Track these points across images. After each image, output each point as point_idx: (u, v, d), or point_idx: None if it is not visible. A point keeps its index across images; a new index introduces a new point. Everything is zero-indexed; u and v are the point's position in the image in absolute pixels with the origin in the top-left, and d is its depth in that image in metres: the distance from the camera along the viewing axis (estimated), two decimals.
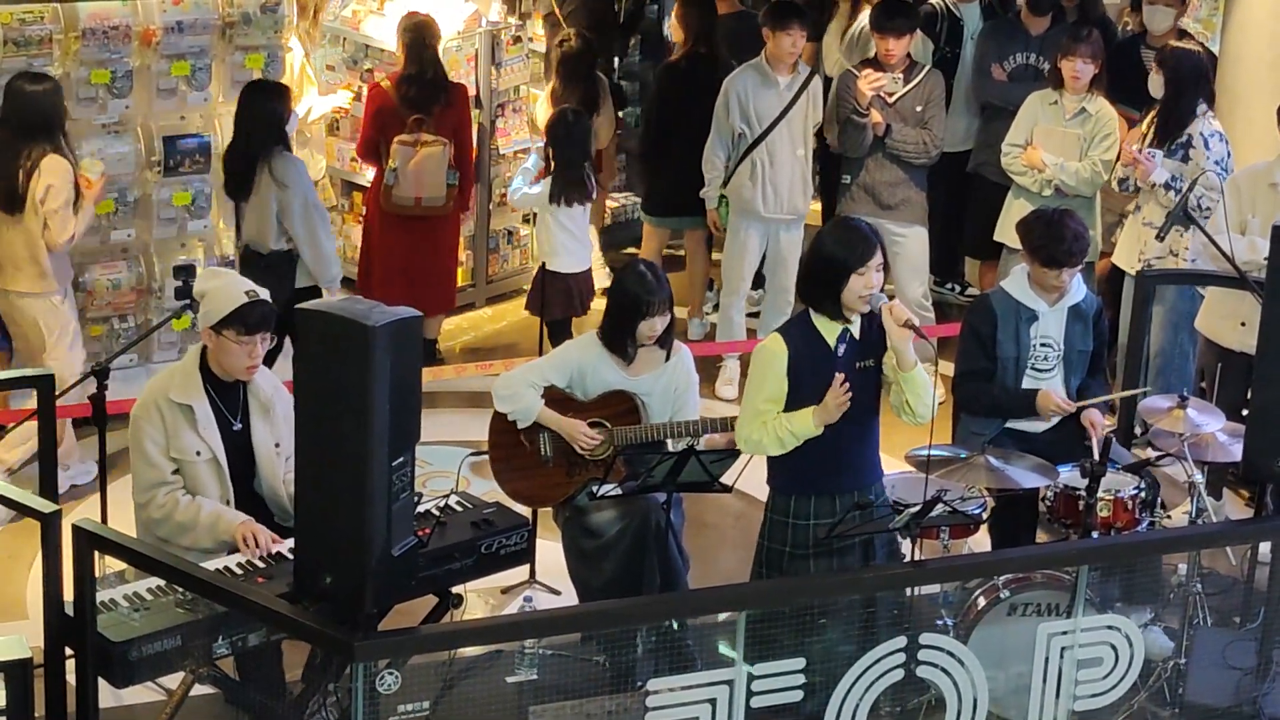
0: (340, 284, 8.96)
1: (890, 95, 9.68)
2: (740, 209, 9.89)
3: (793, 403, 6.37)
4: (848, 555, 6.52)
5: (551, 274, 9.44)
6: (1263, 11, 9.45)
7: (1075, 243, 7.38)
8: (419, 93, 9.66)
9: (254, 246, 8.88)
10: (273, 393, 6.64)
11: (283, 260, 8.83)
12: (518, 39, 11.06)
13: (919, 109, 9.71)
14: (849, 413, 6.38)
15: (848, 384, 6.28)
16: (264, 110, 8.74)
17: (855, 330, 6.41)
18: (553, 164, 9.40)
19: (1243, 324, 8.37)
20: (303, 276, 8.90)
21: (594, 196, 9.42)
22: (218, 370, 6.52)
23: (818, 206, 10.94)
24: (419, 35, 9.69)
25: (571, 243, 9.35)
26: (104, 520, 7.04)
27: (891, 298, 6.46)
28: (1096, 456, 6.95)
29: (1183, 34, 10.10)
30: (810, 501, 6.49)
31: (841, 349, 6.38)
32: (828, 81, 10.35)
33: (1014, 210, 9.49)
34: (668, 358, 7.28)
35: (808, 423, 6.33)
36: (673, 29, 10.64)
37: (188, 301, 6.63)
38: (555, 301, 9.46)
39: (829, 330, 6.38)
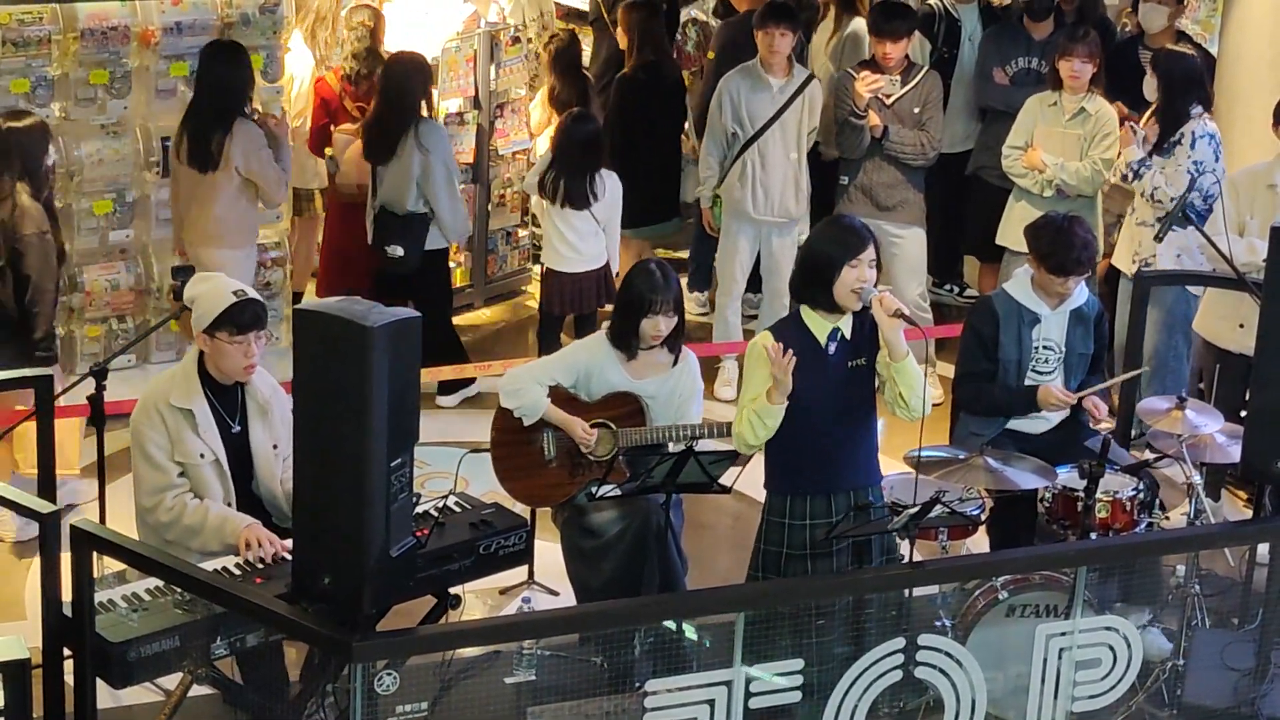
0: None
1: (888, 97, 9.69)
2: (731, 210, 9.90)
3: None
4: (840, 557, 6.51)
5: (547, 270, 9.54)
6: (1261, 11, 9.45)
7: (1084, 251, 7.37)
8: (358, 80, 9.91)
9: (390, 207, 9.35)
10: (270, 394, 6.63)
11: (417, 221, 9.34)
12: (516, 39, 11.07)
13: (916, 110, 9.71)
14: (842, 412, 6.36)
15: (789, 350, 6.20)
16: (408, 81, 9.34)
17: (847, 330, 6.39)
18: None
19: (1241, 325, 8.37)
20: (433, 239, 9.41)
21: (587, 204, 9.34)
22: (215, 373, 6.51)
23: None
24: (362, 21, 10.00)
25: (561, 244, 9.36)
26: (102, 521, 7.04)
27: None
28: (1099, 446, 6.91)
29: (1181, 35, 10.10)
30: (806, 502, 6.48)
31: (833, 348, 6.37)
32: None
33: (1016, 213, 9.51)
34: (675, 363, 7.28)
35: (767, 401, 6.27)
36: (620, 37, 10.62)
37: (184, 306, 6.63)
38: (546, 297, 9.58)
39: (820, 329, 6.37)
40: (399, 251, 9.22)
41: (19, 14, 8.81)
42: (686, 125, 10.98)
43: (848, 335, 6.39)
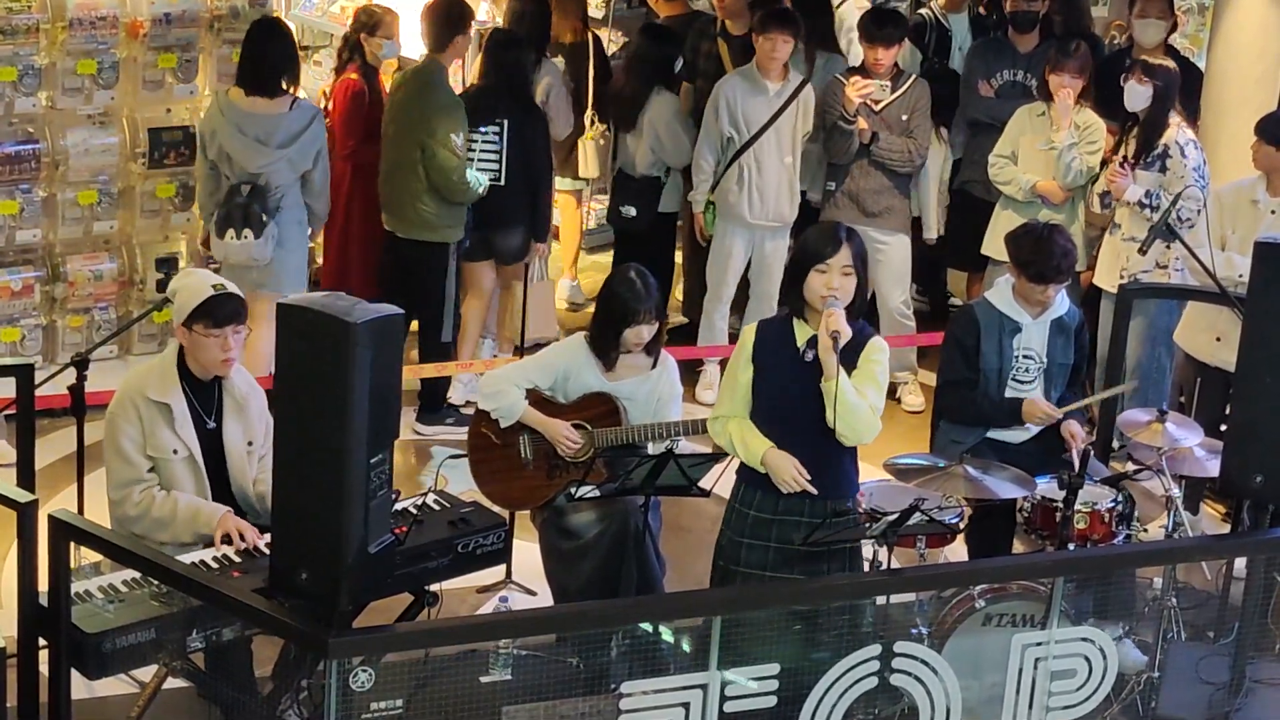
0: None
1: (877, 103, 9.70)
2: (726, 214, 9.90)
3: (756, 387, 6.37)
4: (833, 563, 6.49)
5: None
6: (1250, 27, 9.47)
7: (1063, 259, 7.39)
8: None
9: (627, 170, 10.23)
10: (248, 391, 6.62)
11: (650, 186, 10.19)
12: None
13: (905, 117, 9.73)
14: (818, 418, 6.33)
15: (804, 473, 6.31)
16: (653, 54, 10.21)
17: None
18: None
19: (1219, 339, 8.39)
20: (667, 202, 10.28)
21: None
22: (195, 369, 6.50)
23: None
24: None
25: None
26: (80, 511, 7.02)
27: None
28: (1075, 468, 6.96)
29: (1168, 49, 10.12)
30: (774, 498, 6.46)
31: (810, 354, 6.33)
32: None
33: (1001, 222, 9.51)
34: (654, 365, 7.27)
35: (757, 454, 6.36)
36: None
37: (165, 297, 6.63)
38: None
39: (803, 333, 6.37)
40: (632, 212, 9.89)
41: (7, 2, 8.79)
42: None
43: None
